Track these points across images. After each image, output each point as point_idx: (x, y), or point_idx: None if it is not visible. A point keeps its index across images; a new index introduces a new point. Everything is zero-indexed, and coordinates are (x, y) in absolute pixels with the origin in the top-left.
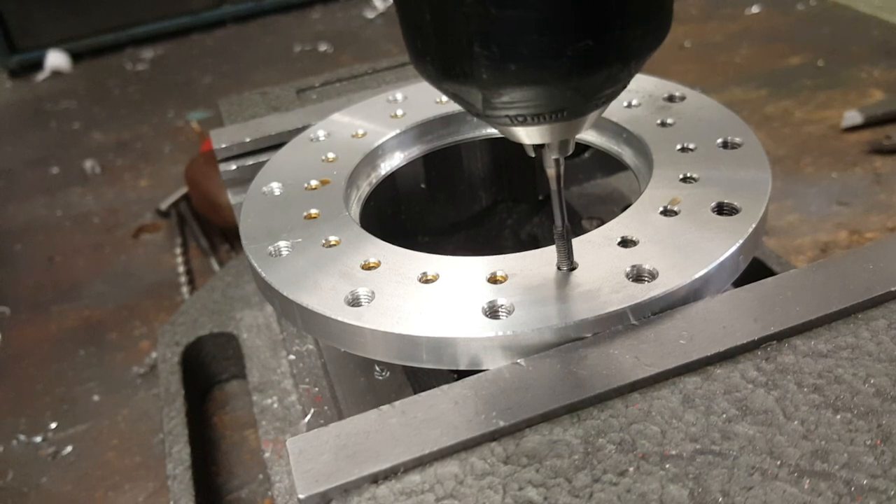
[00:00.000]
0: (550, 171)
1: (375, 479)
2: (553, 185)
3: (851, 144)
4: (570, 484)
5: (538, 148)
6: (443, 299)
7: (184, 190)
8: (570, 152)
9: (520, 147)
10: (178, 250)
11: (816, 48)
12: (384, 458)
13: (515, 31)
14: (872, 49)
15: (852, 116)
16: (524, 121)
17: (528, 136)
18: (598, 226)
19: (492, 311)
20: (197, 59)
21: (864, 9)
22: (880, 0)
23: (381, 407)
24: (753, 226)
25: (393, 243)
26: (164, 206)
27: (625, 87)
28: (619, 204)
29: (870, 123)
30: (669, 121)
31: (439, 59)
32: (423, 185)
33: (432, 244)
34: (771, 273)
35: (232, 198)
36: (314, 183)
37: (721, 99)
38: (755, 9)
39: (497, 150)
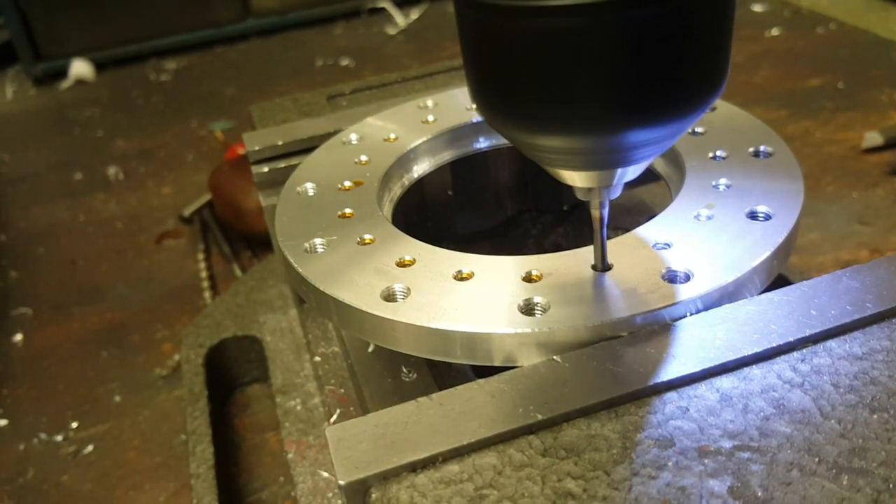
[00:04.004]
0: (595, 213)
1: (414, 467)
2: (596, 226)
3: (872, 165)
4: (608, 477)
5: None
6: (478, 296)
7: (207, 197)
8: (617, 195)
9: None
10: (201, 256)
11: (836, 70)
12: (422, 447)
13: (578, 89)
14: (892, 72)
15: (872, 137)
16: (574, 167)
17: (571, 179)
18: None
19: (527, 308)
20: (220, 71)
21: (883, 33)
22: None
23: (419, 399)
24: (787, 232)
25: None
26: (186, 212)
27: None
28: (645, 215)
29: (890, 145)
30: (700, 129)
31: (502, 108)
32: (449, 192)
33: (457, 251)
34: None
35: (263, 200)
36: (348, 184)
37: None
38: (775, 31)
39: (524, 159)
